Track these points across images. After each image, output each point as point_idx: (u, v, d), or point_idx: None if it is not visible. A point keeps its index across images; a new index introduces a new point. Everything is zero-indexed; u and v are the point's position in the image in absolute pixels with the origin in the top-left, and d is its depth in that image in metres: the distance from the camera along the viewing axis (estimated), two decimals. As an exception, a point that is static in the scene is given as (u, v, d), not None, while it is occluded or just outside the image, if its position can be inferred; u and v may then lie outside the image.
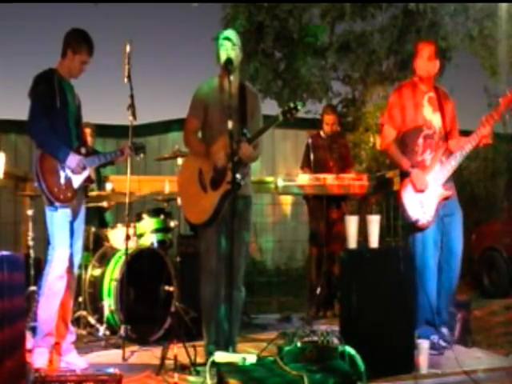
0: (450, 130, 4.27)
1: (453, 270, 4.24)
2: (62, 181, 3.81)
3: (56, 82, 3.84)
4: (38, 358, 3.72)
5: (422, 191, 4.12)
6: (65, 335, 3.93)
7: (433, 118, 4.24)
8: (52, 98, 3.80)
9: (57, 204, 3.77)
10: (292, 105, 3.53)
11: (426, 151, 4.21)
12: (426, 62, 4.23)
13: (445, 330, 4.23)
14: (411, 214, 4.15)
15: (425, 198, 4.13)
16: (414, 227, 4.18)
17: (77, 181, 3.87)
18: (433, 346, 4.03)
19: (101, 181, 5.50)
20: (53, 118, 3.79)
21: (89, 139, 5.54)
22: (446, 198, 4.17)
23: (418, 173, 4.14)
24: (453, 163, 4.17)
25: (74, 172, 3.84)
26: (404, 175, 4.25)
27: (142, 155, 4.19)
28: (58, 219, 3.80)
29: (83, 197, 4.06)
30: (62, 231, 3.81)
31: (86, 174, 3.93)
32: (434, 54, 4.24)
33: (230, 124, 3.48)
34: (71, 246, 3.87)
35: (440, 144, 4.21)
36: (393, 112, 4.29)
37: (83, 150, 3.94)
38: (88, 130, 5.59)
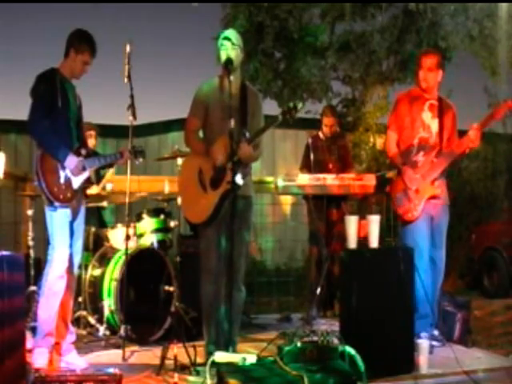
0: (448, 138, 4.40)
1: (437, 270, 4.31)
2: (62, 181, 3.81)
3: (58, 81, 3.84)
4: (38, 358, 3.72)
5: (409, 188, 4.29)
6: (65, 335, 3.93)
7: (431, 123, 4.38)
8: (53, 98, 3.80)
9: (56, 204, 3.77)
10: (291, 105, 3.53)
11: (419, 153, 4.36)
12: (426, 73, 4.33)
13: (435, 331, 4.28)
14: (399, 207, 4.34)
15: (413, 193, 4.29)
16: (403, 220, 4.35)
17: (76, 182, 3.87)
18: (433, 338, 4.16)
19: (100, 180, 5.48)
20: (54, 117, 3.79)
21: (92, 141, 5.54)
22: (436, 197, 4.31)
23: (407, 169, 4.32)
24: (442, 164, 4.31)
25: (73, 173, 3.83)
26: (399, 173, 4.43)
27: (141, 159, 4.19)
28: (58, 219, 3.80)
29: (82, 197, 4.05)
30: (62, 231, 3.81)
31: (85, 175, 3.92)
32: (436, 65, 4.34)
33: (232, 123, 3.48)
34: (71, 246, 3.87)
35: (433, 149, 4.34)
36: (397, 120, 4.44)
37: (83, 152, 3.93)
38: (92, 132, 5.59)
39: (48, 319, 3.80)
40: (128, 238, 4.44)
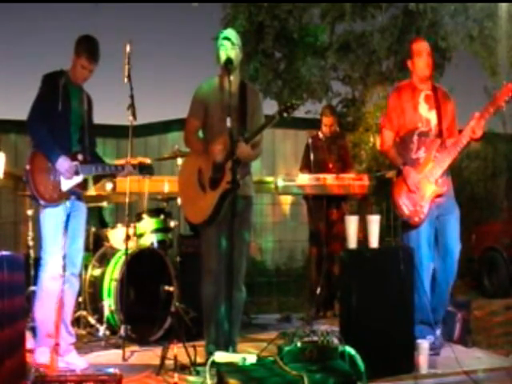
0: (448, 128, 4.24)
1: (449, 268, 4.21)
2: (50, 181, 3.80)
3: (62, 84, 3.86)
4: (40, 358, 3.73)
5: (413, 191, 4.12)
6: (64, 336, 3.92)
7: (429, 115, 4.24)
8: (54, 101, 3.82)
9: (41, 202, 3.76)
10: (289, 103, 3.53)
11: (420, 149, 4.21)
12: (427, 58, 4.25)
13: (438, 331, 4.21)
14: (404, 211, 4.16)
15: (417, 196, 4.13)
16: (407, 225, 4.19)
17: (66, 184, 3.84)
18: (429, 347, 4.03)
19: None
20: (53, 119, 3.81)
21: None
22: (440, 196, 4.15)
23: (409, 170, 4.14)
24: (446, 159, 4.13)
25: (64, 176, 3.82)
26: (399, 174, 4.25)
27: (148, 176, 4.18)
28: (49, 221, 3.80)
29: (81, 197, 4.02)
30: (54, 233, 3.78)
31: (77, 179, 3.88)
32: (430, 50, 4.29)
33: (228, 122, 3.48)
34: (66, 246, 3.84)
35: (435, 142, 4.18)
36: (391, 116, 4.31)
37: (80, 157, 3.90)
38: None
39: (45, 320, 3.78)
40: (128, 238, 4.44)
